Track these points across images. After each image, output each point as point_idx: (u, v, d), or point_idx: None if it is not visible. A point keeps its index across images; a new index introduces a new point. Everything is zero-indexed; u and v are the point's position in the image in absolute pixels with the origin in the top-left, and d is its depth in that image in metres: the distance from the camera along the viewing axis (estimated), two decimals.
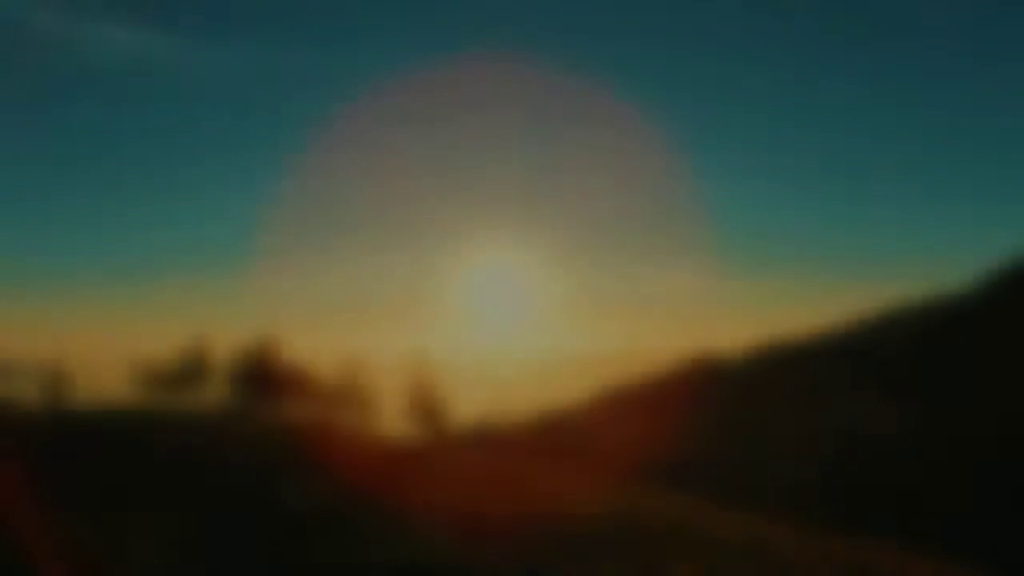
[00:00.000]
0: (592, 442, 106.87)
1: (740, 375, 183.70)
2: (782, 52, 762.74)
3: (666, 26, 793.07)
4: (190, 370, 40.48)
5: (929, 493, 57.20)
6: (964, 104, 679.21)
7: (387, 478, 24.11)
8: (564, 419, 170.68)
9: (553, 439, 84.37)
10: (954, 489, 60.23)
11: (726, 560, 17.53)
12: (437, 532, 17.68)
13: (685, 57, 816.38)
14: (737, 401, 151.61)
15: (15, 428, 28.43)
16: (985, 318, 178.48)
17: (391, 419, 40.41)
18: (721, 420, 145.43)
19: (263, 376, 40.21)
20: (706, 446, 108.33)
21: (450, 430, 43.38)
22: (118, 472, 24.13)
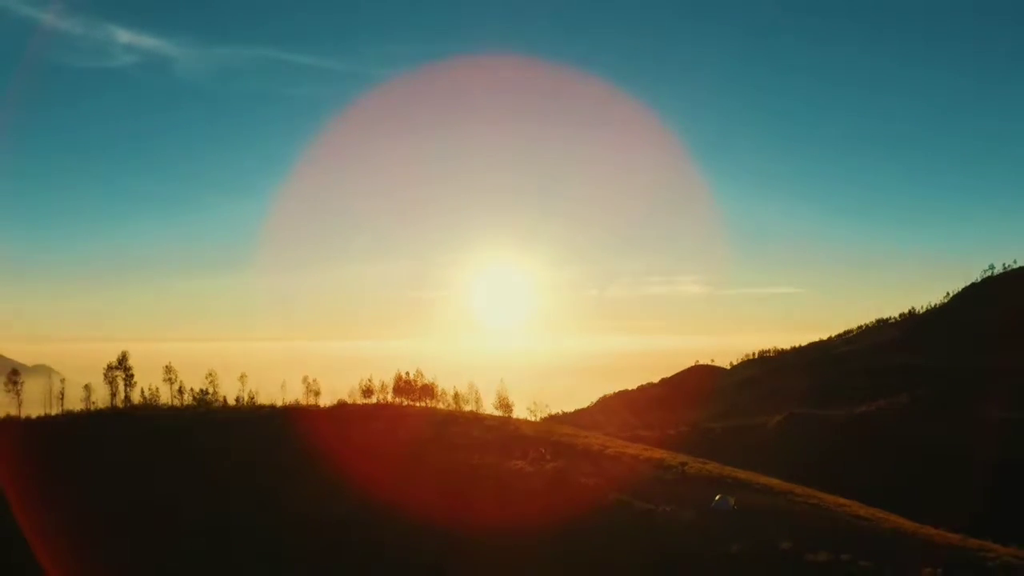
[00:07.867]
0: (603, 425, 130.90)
1: (734, 378, 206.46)
2: (782, 53, 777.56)
3: (669, 27, 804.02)
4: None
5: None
6: (962, 115, 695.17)
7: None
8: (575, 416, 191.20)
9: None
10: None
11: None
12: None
13: (688, 61, 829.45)
14: (730, 398, 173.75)
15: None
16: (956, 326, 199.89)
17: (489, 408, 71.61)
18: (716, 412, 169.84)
19: (409, 388, 63.30)
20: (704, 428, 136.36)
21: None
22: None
